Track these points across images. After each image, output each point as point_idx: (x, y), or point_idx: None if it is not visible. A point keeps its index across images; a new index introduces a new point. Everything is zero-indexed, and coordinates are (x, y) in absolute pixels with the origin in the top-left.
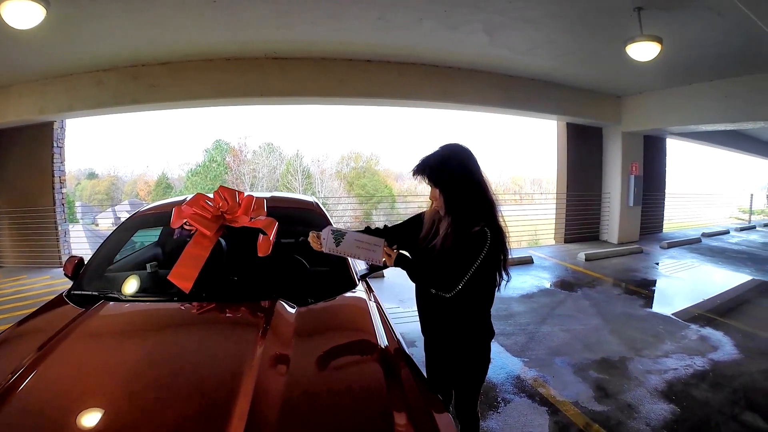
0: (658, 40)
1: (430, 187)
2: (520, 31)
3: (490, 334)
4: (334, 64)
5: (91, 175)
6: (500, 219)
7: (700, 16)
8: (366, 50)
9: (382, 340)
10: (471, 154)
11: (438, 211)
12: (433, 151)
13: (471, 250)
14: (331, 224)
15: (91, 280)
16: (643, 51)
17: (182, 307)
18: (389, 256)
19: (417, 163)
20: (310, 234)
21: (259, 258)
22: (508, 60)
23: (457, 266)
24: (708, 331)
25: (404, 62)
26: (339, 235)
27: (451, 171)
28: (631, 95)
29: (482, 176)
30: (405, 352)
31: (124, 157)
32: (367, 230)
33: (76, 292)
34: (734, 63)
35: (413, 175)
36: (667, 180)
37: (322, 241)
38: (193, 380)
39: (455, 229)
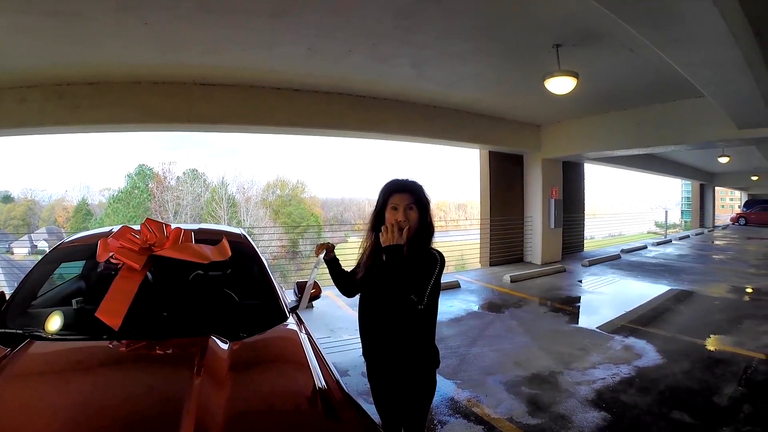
0: (574, 74)
1: (390, 212)
2: (446, 65)
3: (436, 362)
4: (262, 92)
5: (6, 198)
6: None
7: (613, 52)
8: (295, 79)
9: (317, 372)
10: None
11: (375, 245)
12: (410, 179)
13: (428, 266)
14: (258, 255)
15: (14, 317)
16: (561, 85)
17: (113, 346)
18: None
19: (405, 182)
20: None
21: (188, 292)
22: (434, 92)
23: (420, 279)
24: (632, 341)
25: (332, 92)
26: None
27: (428, 198)
28: (550, 124)
29: None
30: (340, 383)
31: (42, 180)
32: (344, 272)
33: None
34: (645, 93)
35: (402, 191)
36: (586, 202)
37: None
38: (134, 421)
39: (412, 250)
